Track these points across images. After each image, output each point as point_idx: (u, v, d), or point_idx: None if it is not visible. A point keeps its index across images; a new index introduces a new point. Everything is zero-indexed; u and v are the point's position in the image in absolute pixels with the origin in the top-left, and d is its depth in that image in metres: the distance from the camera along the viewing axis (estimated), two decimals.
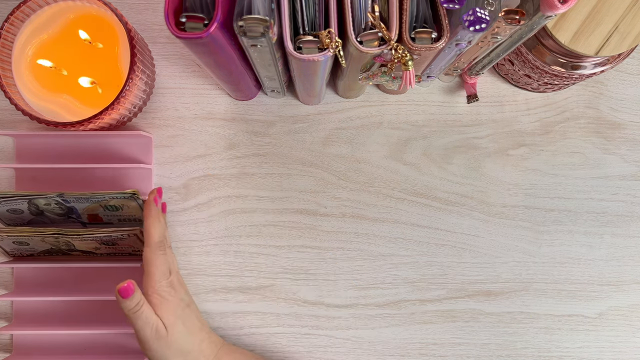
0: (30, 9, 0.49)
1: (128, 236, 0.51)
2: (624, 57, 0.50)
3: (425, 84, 0.58)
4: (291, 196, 0.57)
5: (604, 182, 0.58)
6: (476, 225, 0.58)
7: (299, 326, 0.57)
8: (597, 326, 0.58)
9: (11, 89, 0.49)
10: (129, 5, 0.58)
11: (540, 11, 0.37)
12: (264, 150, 0.58)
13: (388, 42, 0.39)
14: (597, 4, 0.46)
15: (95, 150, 0.55)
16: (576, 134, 0.59)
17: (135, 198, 0.51)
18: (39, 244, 0.53)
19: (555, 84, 0.54)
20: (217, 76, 0.49)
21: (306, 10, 0.39)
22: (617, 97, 0.59)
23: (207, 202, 0.57)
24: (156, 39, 0.58)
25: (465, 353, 0.57)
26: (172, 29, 0.36)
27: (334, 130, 0.58)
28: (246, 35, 0.37)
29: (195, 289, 0.56)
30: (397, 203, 0.58)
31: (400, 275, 0.57)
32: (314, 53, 0.39)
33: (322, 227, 0.57)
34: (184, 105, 0.58)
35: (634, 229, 0.58)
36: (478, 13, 0.37)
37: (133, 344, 0.56)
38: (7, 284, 0.56)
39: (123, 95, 0.48)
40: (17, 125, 0.57)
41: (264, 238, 0.57)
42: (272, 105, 0.58)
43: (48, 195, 0.50)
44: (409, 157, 0.58)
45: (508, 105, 0.58)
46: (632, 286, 0.58)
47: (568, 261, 0.58)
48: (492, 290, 0.57)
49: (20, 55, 0.50)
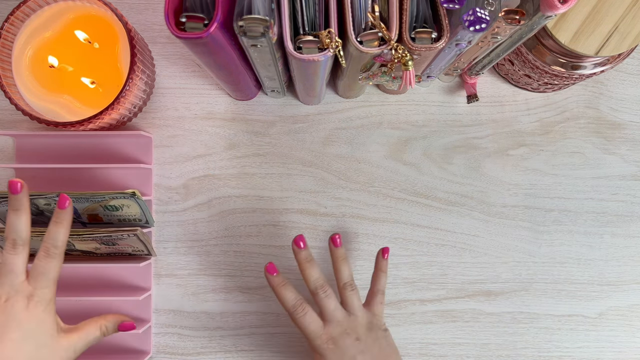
0: (30, 9, 0.49)
1: (128, 236, 0.51)
2: (624, 57, 0.50)
3: (425, 84, 0.58)
4: (291, 196, 0.57)
5: (604, 182, 0.58)
6: (476, 225, 0.58)
7: None
8: (597, 326, 0.58)
9: (11, 89, 0.49)
10: (129, 5, 0.58)
11: (540, 11, 0.37)
12: (264, 150, 0.58)
13: (388, 42, 0.39)
14: (597, 4, 0.46)
15: (95, 150, 0.55)
16: (576, 134, 0.59)
17: (135, 198, 0.51)
18: (39, 244, 0.52)
19: (555, 84, 0.54)
20: (217, 76, 0.49)
21: (306, 10, 0.39)
22: (617, 97, 0.59)
23: (207, 202, 0.57)
24: (156, 39, 0.58)
25: (465, 353, 0.57)
26: (172, 29, 0.36)
27: (334, 130, 0.58)
28: (246, 35, 0.37)
29: (196, 289, 0.56)
30: (397, 203, 0.58)
31: (400, 275, 0.57)
32: (314, 53, 0.39)
33: (322, 227, 0.57)
34: (184, 105, 0.58)
35: (634, 229, 0.58)
36: (478, 13, 0.37)
37: (133, 344, 0.56)
38: None
39: (123, 95, 0.48)
40: (17, 125, 0.57)
41: (264, 238, 0.57)
42: (272, 105, 0.58)
43: (48, 195, 0.50)
44: (409, 157, 0.58)
45: (508, 105, 0.58)
46: (632, 286, 0.58)
47: (568, 261, 0.58)
48: (492, 290, 0.57)
49: (20, 55, 0.50)
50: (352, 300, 0.47)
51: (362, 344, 0.45)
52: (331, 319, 0.46)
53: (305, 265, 0.47)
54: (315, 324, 0.45)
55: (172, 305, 0.56)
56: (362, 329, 0.46)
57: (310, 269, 0.47)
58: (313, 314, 0.46)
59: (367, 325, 0.46)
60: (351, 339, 0.45)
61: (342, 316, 0.46)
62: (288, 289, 0.46)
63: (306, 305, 0.46)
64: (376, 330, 0.46)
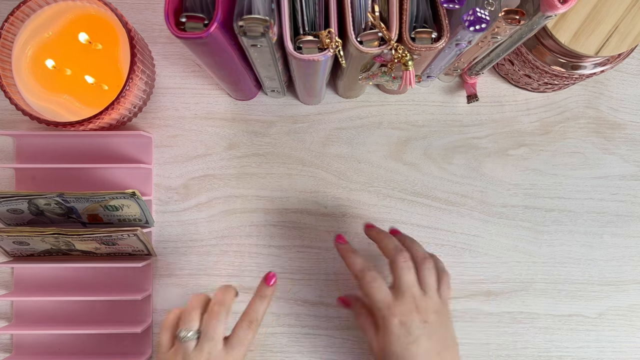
0: (30, 9, 0.49)
1: (128, 236, 0.51)
2: (624, 57, 0.50)
3: (425, 84, 0.58)
4: (291, 196, 0.57)
5: (604, 182, 0.58)
6: (476, 225, 0.58)
7: (299, 326, 0.57)
8: (597, 326, 0.58)
9: (11, 89, 0.49)
10: (129, 5, 0.58)
11: (540, 11, 0.37)
12: (264, 150, 0.58)
13: (388, 42, 0.39)
14: (597, 4, 0.46)
15: (95, 150, 0.55)
16: (576, 134, 0.59)
17: (135, 198, 0.51)
18: (39, 244, 0.52)
19: (555, 84, 0.54)
20: (217, 76, 0.49)
21: (306, 10, 0.39)
22: (617, 97, 0.59)
23: (207, 202, 0.57)
24: (156, 39, 0.58)
25: (465, 353, 0.57)
26: (172, 29, 0.36)
27: (334, 130, 0.58)
28: (246, 35, 0.37)
29: (196, 289, 0.56)
30: (397, 203, 0.58)
31: None
32: (314, 53, 0.39)
33: (322, 227, 0.57)
34: (184, 105, 0.58)
35: (634, 229, 0.58)
36: (478, 13, 0.37)
37: (133, 344, 0.56)
38: (7, 284, 0.56)
39: (123, 95, 0.48)
40: (17, 125, 0.57)
41: (264, 238, 0.57)
42: (272, 105, 0.58)
43: (48, 195, 0.50)
44: (409, 157, 0.58)
45: (508, 105, 0.58)
46: (632, 286, 0.58)
47: (568, 261, 0.58)
48: (492, 290, 0.57)
49: (20, 55, 0.50)
50: (430, 279, 0.45)
51: (429, 327, 0.43)
52: (405, 292, 0.43)
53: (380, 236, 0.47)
54: (384, 293, 0.44)
55: (172, 305, 0.56)
56: (432, 312, 0.43)
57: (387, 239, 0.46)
58: (383, 282, 0.44)
59: (437, 308, 0.44)
60: (420, 319, 0.43)
61: (419, 293, 0.44)
62: (357, 255, 0.46)
63: (376, 272, 0.45)
64: (444, 316, 0.44)
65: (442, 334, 0.43)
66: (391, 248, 0.46)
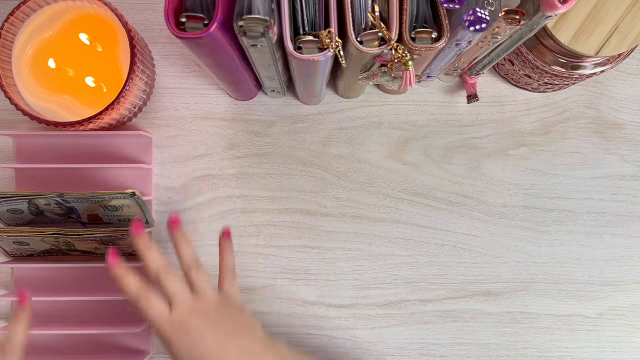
0: (30, 9, 0.49)
1: (128, 236, 0.51)
2: (624, 57, 0.50)
3: (425, 84, 0.58)
4: (291, 196, 0.57)
5: (604, 182, 0.58)
6: (476, 225, 0.58)
7: (299, 326, 0.57)
8: (597, 326, 0.58)
9: (11, 89, 0.49)
10: (129, 5, 0.58)
11: (540, 11, 0.37)
12: (264, 150, 0.58)
13: (388, 42, 0.39)
14: (597, 4, 0.46)
15: (95, 150, 0.55)
16: (576, 134, 0.59)
17: (135, 198, 0.51)
18: (39, 244, 0.53)
19: (555, 84, 0.54)
20: (217, 76, 0.49)
21: (306, 10, 0.39)
22: (617, 97, 0.59)
23: (207, 202, 0.57)
24: (156, 39, 0.58)
25: (465, 353, 0.57)
26: (172, 29, 0.36)
27: (334, 130, 0.58)
28: (246, 35, 0.37)
29: None
30: (397, 203, 0.58)
31: (400, 275, 0.57)
32: (314, 53, 0.39)
33: (322, 227, 0.57)
34: (184, 105, 0.58)
35: (634, 229, 0.58)
36: (478, 13, 0.37)
37: (133, 344, 0.56)
38: (7, 284, 0.56)
39: (123, 95, 0.48)
40: (17, 125, 0.57)
41: (264, 238, 0.57)
42: (272, 105, 0.58)
43: (48, 195, 0.50)
44: (409, 157, 0.58)
45: (508, 105, 0.58)
46: (632, 286, 0.58)
47: (568, 261, 0.58)
48: (492, 290, 0.57)
49: (20, 55, 0.50)
50: (198, 279, 0.43)
51: (211, 322, 0.41)
52: (176, 300, 0.42)
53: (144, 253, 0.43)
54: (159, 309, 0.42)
55: None
56: (212, 307, 0.42)
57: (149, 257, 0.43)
58: (157, 298, 0.42)
59: (218, 303, 0.43)
60: (198, 319, 0.41)
61: (187, 296, 0.42)
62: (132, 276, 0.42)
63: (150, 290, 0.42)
64: (229, 307, 0.43)
65: (233, 321, 0.43)
66: (152, 267, 0.43)
